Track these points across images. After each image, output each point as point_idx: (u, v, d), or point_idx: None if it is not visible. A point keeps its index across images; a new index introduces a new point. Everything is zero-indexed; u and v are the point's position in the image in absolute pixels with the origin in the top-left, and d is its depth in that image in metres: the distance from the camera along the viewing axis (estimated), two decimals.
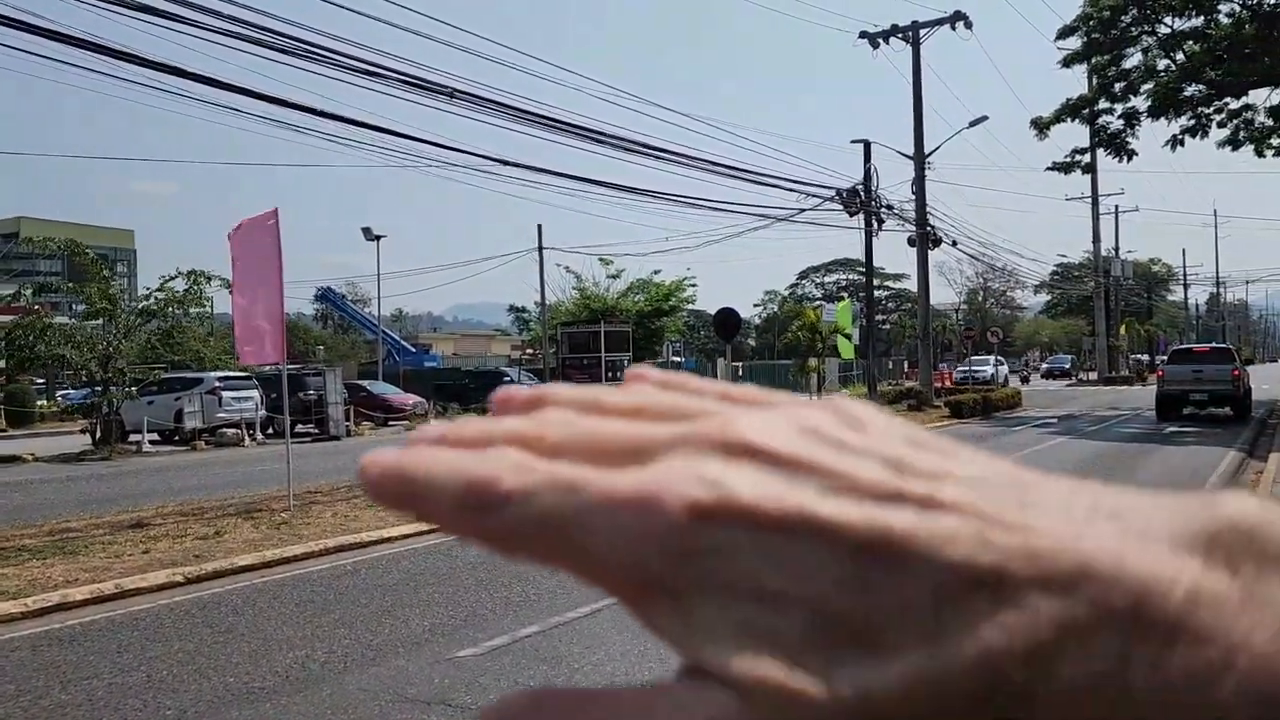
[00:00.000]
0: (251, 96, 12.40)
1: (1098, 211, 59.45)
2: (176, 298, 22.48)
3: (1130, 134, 29.98)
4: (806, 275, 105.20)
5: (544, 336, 45.10)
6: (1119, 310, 68.75)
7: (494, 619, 6.74)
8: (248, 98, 12.42)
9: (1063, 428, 23.65)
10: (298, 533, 10.11)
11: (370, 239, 42.58)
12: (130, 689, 5.44)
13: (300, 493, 13.05)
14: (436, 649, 6.06)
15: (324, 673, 5.66)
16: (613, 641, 6.12)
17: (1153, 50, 28.38)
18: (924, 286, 33.42)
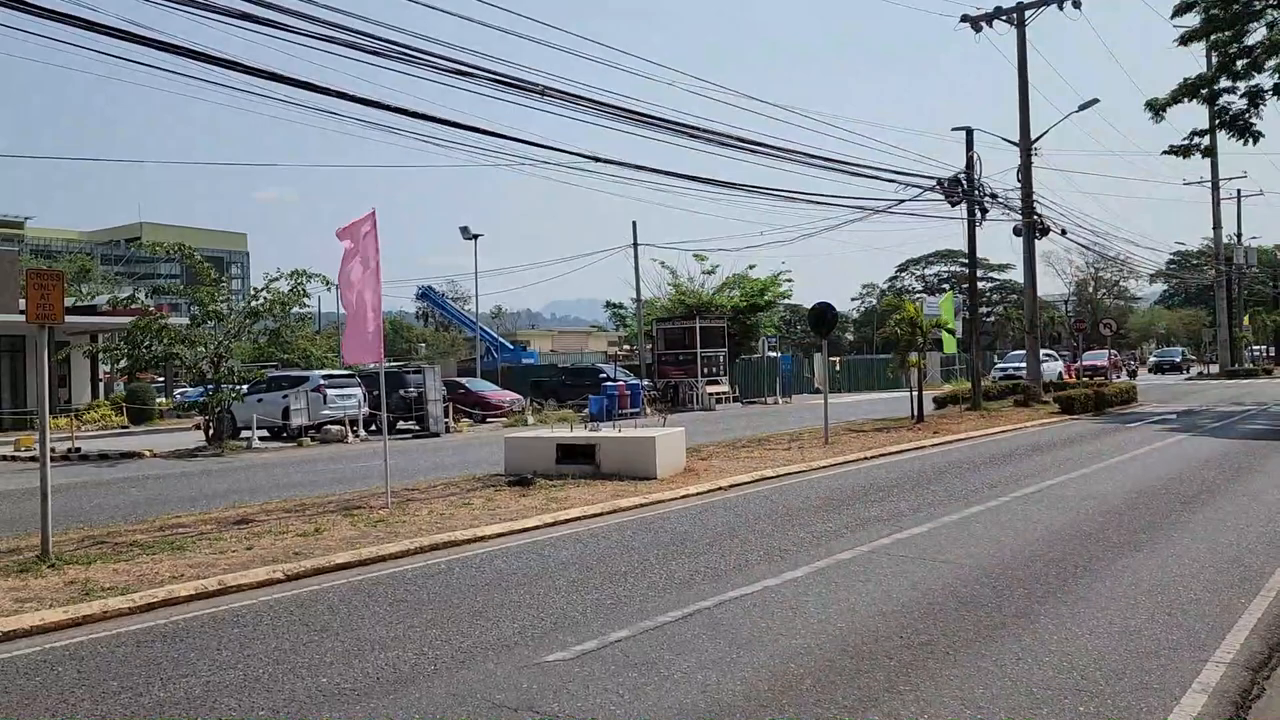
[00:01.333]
0: (347, 99, 12.58)
1: (1218, 196, 56.54)
2: (281, 298, 23.12)
3: (1254, 114, 28.41)
4: (906, 268, 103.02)
5: (640, 333, 45.06)
6: (1241, 299, 65.42)
7: (584, 622, 6.63)
8: (344, 100, 12.59)
9: (1182, 424, 22.53)
10: (394, 531, 10.21)
11: (468, 238, 43.17)
12: (226, 687, 5.49)
13: (398, 490, 13.22)
14: (525, 653, 5.97)
15: (414, 675, 5.62)
16: (705, 648, 5.95)
17: (1279, 24, 26.78)
18: (1030, 277, 32.27)
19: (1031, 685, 5.19)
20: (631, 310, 48.60)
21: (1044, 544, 8.96)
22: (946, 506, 11.25)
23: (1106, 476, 13.64)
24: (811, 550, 8.87)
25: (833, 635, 6.19)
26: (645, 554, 8.97)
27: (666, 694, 5.17)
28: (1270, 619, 6.40)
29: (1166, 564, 8.00)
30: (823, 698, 5.07)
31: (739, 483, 13.70)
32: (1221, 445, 17.55)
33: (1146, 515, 10.37)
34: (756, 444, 19.10)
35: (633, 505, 11.85)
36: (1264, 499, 11.31)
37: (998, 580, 7.57)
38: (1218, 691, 5.07)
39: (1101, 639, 5.99)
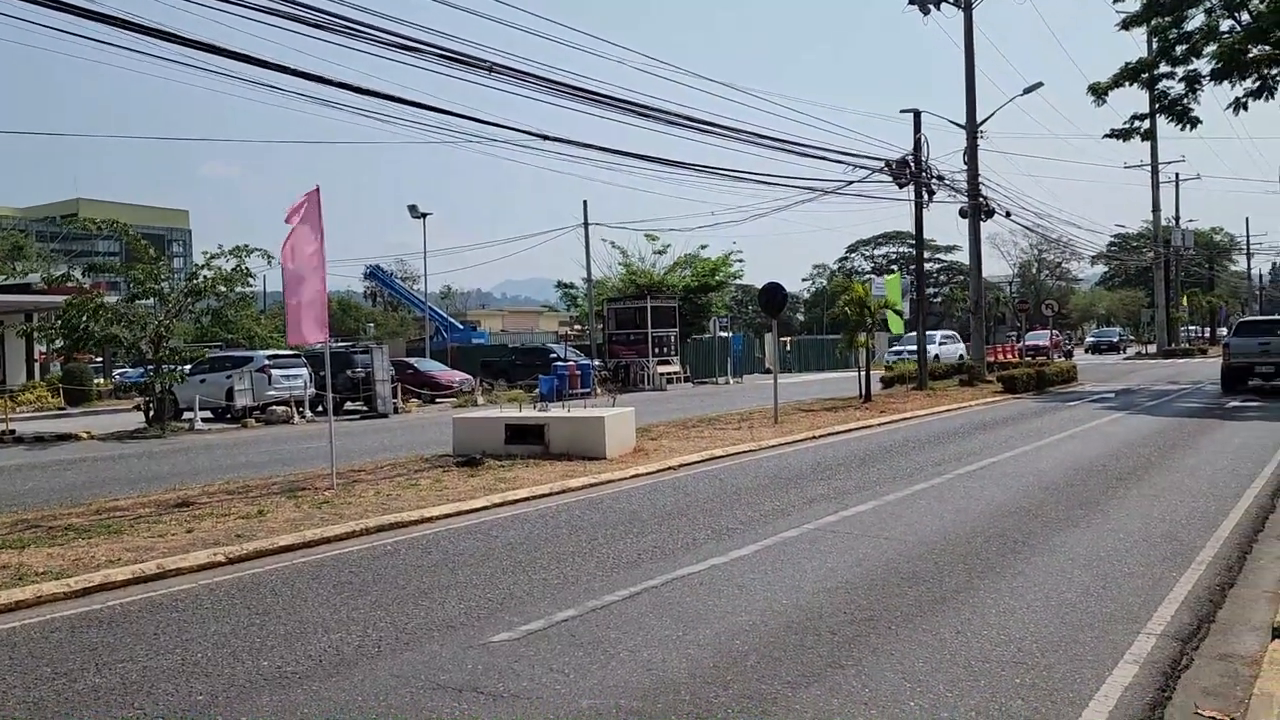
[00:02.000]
0: (289, 73, 12.32)
1: (1157, 180, 57.75)
2: (223, 276, 22.70)
3: (1192, 99, 29.01)
4: (856, 248, 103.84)
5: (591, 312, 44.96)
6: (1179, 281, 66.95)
7: (530, 602, 6.62)
8: (286, 75, 12.33)
9: (1120, 403, 23.03)
10: (339, 512, 10.10)
11: (416, 216, 42.69)
12: (164, 672, 5.40)
13: (344, 471, 13.08)
14: (471, 633, 5.95)
15: (357, 657, 5.57)
16: (651, 627, 5.97)
17: (1216, 10, 27.34)
18: (976, 258, 32.71)
19: (970, 658, 5.28)
20: (583, 290, 48.48)
21: (985, 520, 9.12)
22: (891, 484, 11.39)
23: (1046, 454, 13.91)
24: (759, 529, 8.94)
25: (778, 612, 6.24)
26: (593, 534, 8.97)
27: (612, 673, 5.19)
28: (1200, 592, 6.57)
29: (1102, 539, 8.18)
30: (766, 673, 5.11)
31: (688, 462, 13.76)
32: (1157, 423, 17.97)
33: (1084, 491, 10.60)
34: (706, 424, 19.19)
35: (582, 485, 11.84)
36: (1197, 475, 11.61)
37: (940, 556, 7.68)
38: (1149, 662, 5.20)
39: (1038, 612, 6.11)
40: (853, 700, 4.73)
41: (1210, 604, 6.35)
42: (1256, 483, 10.97)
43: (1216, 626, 5.96)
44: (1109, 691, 4.79)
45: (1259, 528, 8.74)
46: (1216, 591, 6.63)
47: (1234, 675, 5.12)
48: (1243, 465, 12.29)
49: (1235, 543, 8.04)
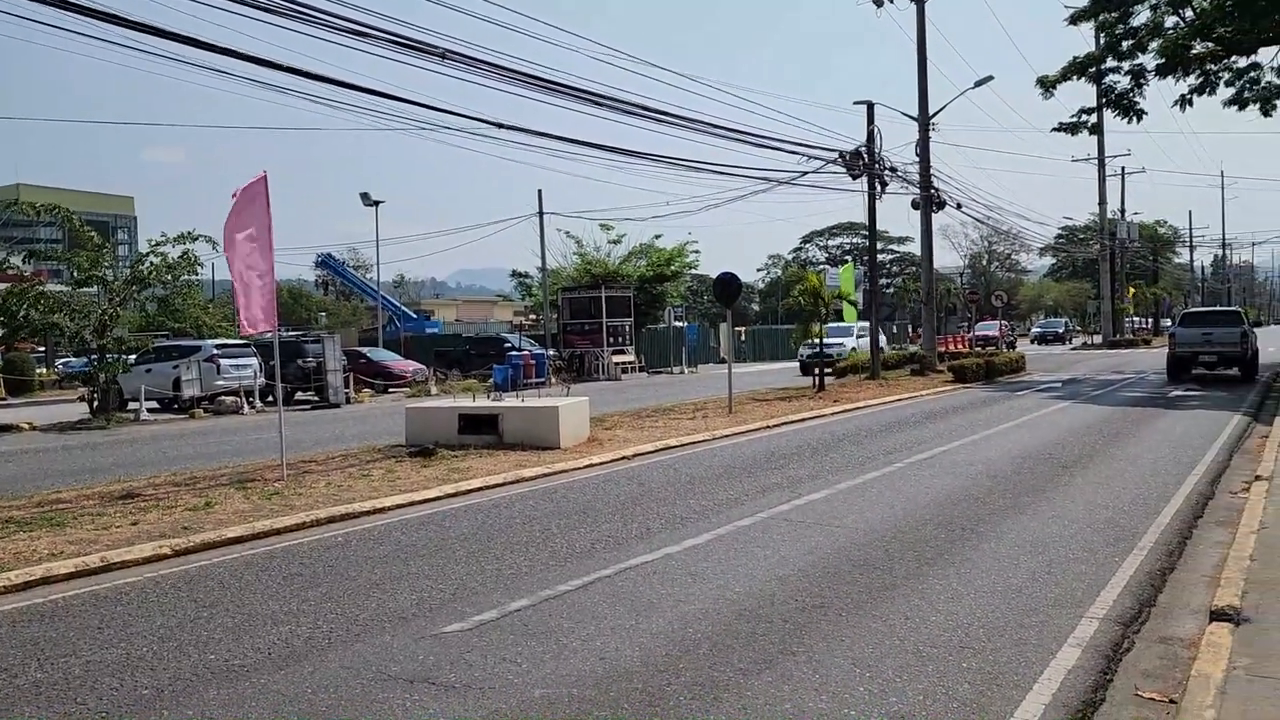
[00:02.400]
0: (236, 57, 12.09)
1: (1104, 173, 58.75)
2: (169, 263, 22.28)
3: (1138, 93, 29.52)
4: (810, 239, 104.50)
5: (545, 302, 44.81)
6: (1124, 273, 68.22)
7: (483, 592, 6.60)
8: (233, 59, 12.10)
9: (1066, 392, 23.44)
10: (290, 503, 9.98)
11: (369, 204, 42.20)
12: (108, 667, 5.30)
13: (295, 461, 12.93)
14: (423, 624, 5.91)
15: (306, 649, 5.52)
16: (605, 616, 5.98)
17: (1161, 6, 27.81)
18: (928, 250, 33.08)
19: (919, 643, 5.35)
20: (538, 280, 48.27)
21: (935, 508, 9.24)
22: (844, 473, 11.50)
23: (995, 442, 14.12)
24: (713, 518, 8.98)
25: (730, 600, 6.28)
26: (547, 524, 8.96)
27: (565, 662, 5.19)
28: (1141, 576, 6.72)
29: (1048, 525, 8.34)
30: (719, 661, 5.14)
31: (643, 452, 13.78)
32: (1102, 412, 18.33)
33: (1030, 479, 10.78)
34: (661, 413, 19.22)
35: (536, 475, 11.81)
36: (1139, 463, 11.86)
37: (890, 544, 7.78)
38: (1091, 646, 5.31)
39: (985, 598, 6.21)
40: (803, 686, 4.77)
41: (1151, 588, 6.49)
42: (1197, 470, 11.24)
43: (1157, 610, 6.10)
44: (1052, 675, 4.88)
45: (1199, 514, 8.96)
46: (1157, 576, 6.78)
47: (1173, 658, 5.24)
48: (1184, 453, 12.58)
49: (1176, 529, 8.23)
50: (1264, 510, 8.43)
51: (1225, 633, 5.31)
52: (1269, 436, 13.58)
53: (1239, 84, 29.18)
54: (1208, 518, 8.83)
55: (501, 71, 15.43)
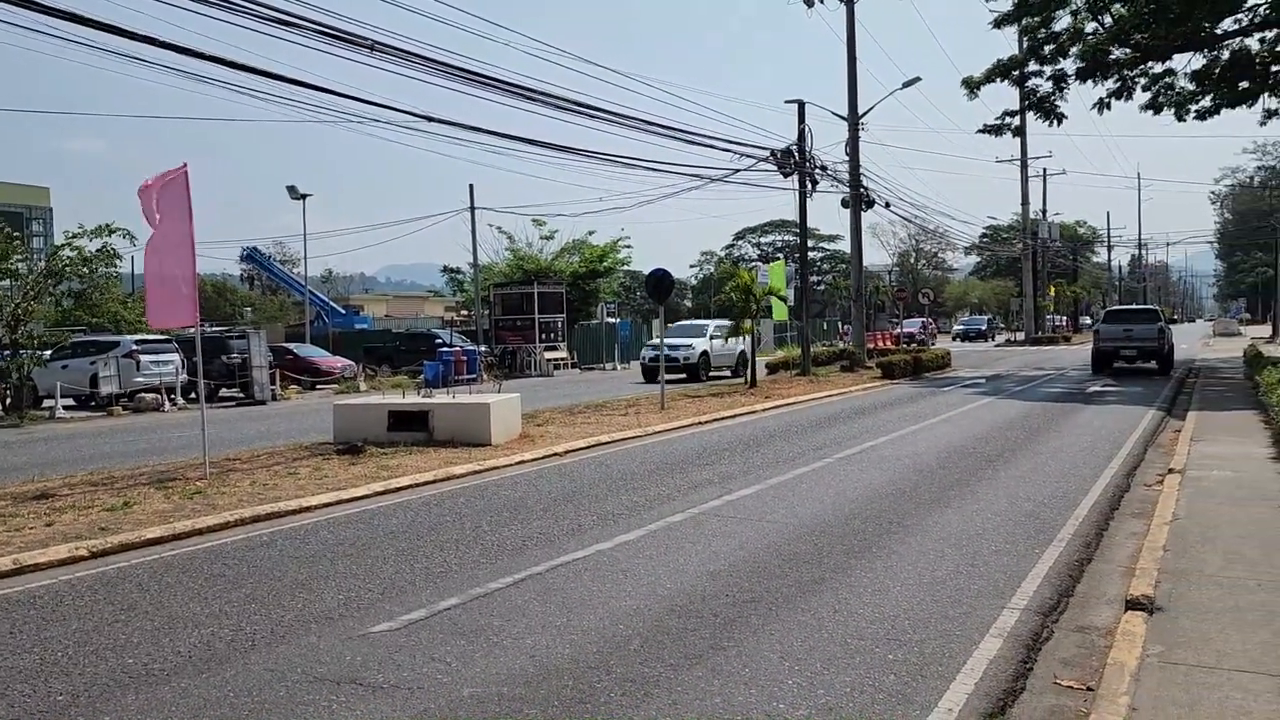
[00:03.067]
0: (158, 46, 11.76)
1: (1026, 174, 60.22)
2: (85, 256, 21.60)
3: (1059, 96, 30.23)
4: (743, 236, 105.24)
5: (477, 298, 44.46)
6: (1046, 272, 70.01)
7: (413, 591, 6.52)
8: (155, 47, 11.76)
9: (990, 388, 23.98)
10: (212, 503, 9.75)
11: (296, 197, 41.40)
12: (20, 673, 5.12)
13: (218, 460, 12.64)
14: (350, 624, 5.82)
15: (229, 652, 5.39)
16: (536, 613, 5.95)
17: (1082, 12, 28.55)
18: (857, 248, 33.55)
19: (847, 636, 5.43)
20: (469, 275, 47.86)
21: (863, 502, 9.38)
22: (774, 469, 11.62)
23: (922, 437, 14.39)
24: (644, 514, 9.00)
25: (661, 596, 6.30)
26: (478, 521, 8.89)
27: (495, 660, 5.15)
28: (1061, 568, 6.91)
29: (972, 518, 8.52)
30: (649, 657, 5.16)
31: (575, 448, 13.74)
32: (1024, 407, 18.79)
33: (955, 473, 11.01)
34: (593, 410, 19.20)
35: (467, 472, 11.71)
36: (1059, 457, 12.18)
37: (819, 538, 7.87)
38: (1012, 636, 5.44)
39: (911, 590, 6.33)
40: (733, 680, 4.81)
41: (1070, 579, 6.67)
42: (1113, 463, 11.58)
43: (1075, 600, 6.27)
44: (975, 665, 4.99)
45: (1115, 505, 9.24)
46: (1075, 567, 6.98)
47: (1090, 646, 5.39)
48: (1101, 447, 12.96)
49: (1093, 521, 8.47)
50: (1176, 502, 8.73)
51: (1139, 621, 5.48)
52: (1181, 431, 14.05)
53: (1155, 89, 30.11)
54: (1124, 510, 9.10)
55: (432, 64, 15.25)
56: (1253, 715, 4.18)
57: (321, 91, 14.52)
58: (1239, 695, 4.40)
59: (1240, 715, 4.19)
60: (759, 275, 32.03)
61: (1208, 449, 12.01)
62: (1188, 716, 4.19)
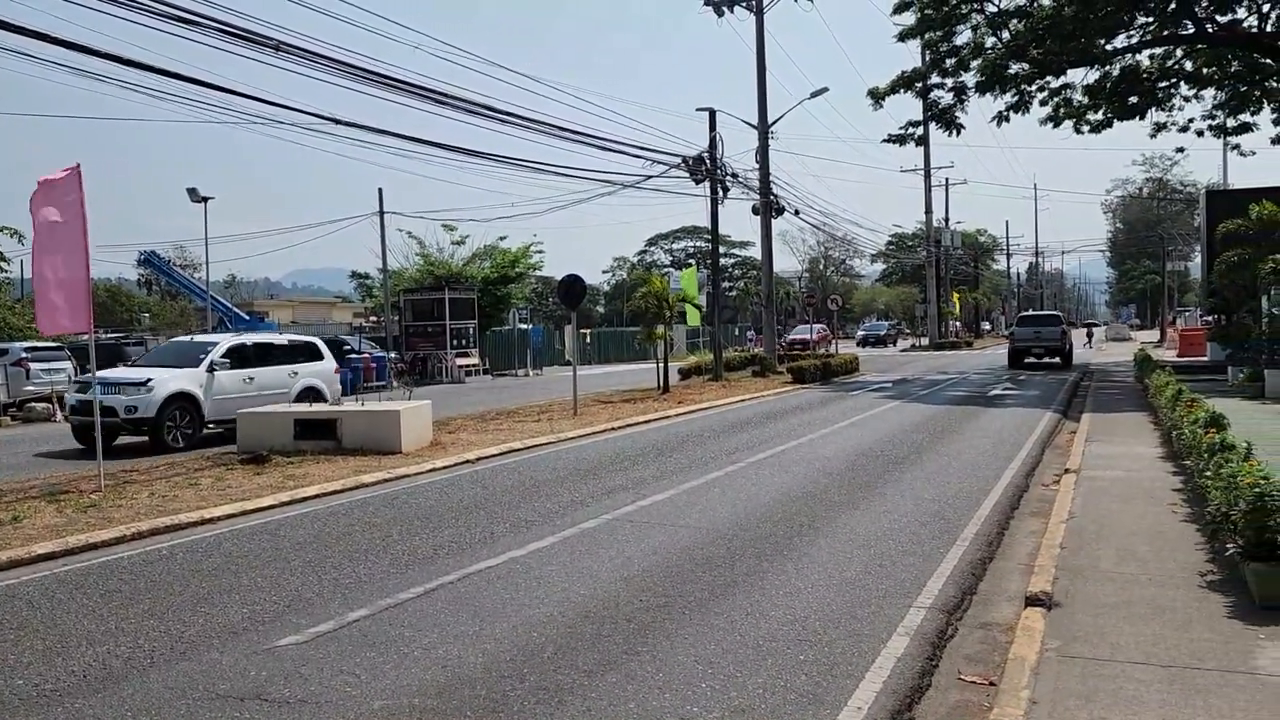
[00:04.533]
0: (46, 40, 11.30)
1: (930, 184, 61.86)
2: None
3: (960, 108, 31.15)
4: (656, 242, 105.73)
5: (386, 304, 43.78)
6: (949, 278, 72.00)
7: (320, 603, 6.37)
8: (44, 42, 11.29)
9: (897, 392, 24.53)
10: (108, 516, 9.38)
11: (196, 200, 40.17)
12: None
13: (115, 471, 12.19)
14: (255, 639, 5.66)
15: (127, 670, 5.20)
16: (447, 623, 5.87)
17: (981, 27, 29.46)
18: (767, 254, 34.02)
19: (759, 638, 5.49)
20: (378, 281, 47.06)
21: (774, 505, 9.50)
22: (687, 473, 11.69)
23: (831, 441, 14.64)
24: (557, 520, 8.96)
25: (575, 602, 6.28)
26: (388, 530, 8.74)
27: (406, 671, 5.07)
28: (964, 566, 7.10)
29: (879, 520, 8.70)
30: (563, 664, 5.13)
31: (487, 455, 13.62)
32: (929, 410, 19.27)
33: (864, 476, 11.23)
34: (505, 416, 19.07)
35: (376, 480, 11.50)
36: (962, 458, 12.53)
37: (732, 541, 7.95)
38: (918, 634, 5.57)
39: (822, 591, 6.43)
40: (647, 685, 4.81)
41: (973, 577, 6.87)
42: (1013, 464, 11.96)
43: (978, 598, 6.45)
44: (883, 663, 5.09)
45: (1015, 505, 9.54)
46: (978, 565, 7.18)
47: (992, 642, 5.55)
48: (1002, 448, 13.36)
49: (995, 520, 8.73)
50: (1072, 501, 9.05)
51: (1039, 617, 5.66)
52: (1076, 432, 14.58)
53: (1053, 102, 31.26)
54: (1023, 509, 9.40)
55: (339, 66, 14.98)
56: (1145, 704, 4.36)
57: (224, 91, 14.13)
58: (1132, 686, 4.57)
59: (1133, 705, 4.36)
60: (671, 282, 32.25)
61: (1101, 449, 12.49)
62: (1085, 708, 4.35)
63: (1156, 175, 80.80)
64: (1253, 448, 7.32)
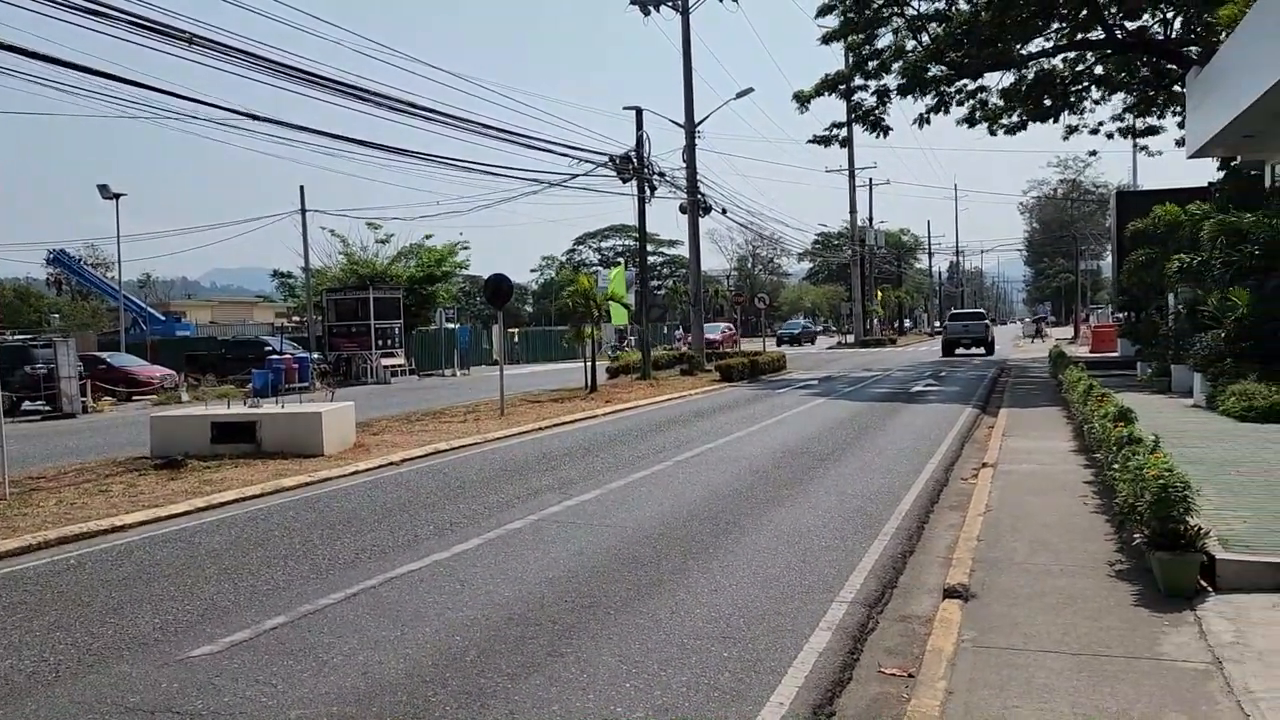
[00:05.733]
0: None
1: (854, 184, 62.88)
2: None
3: (883, 110, 31.69)
4: (584, 241, 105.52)
5: (309, 303, 42.96)
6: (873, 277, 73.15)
7: (236, 611, 6.22)
8: None
9: (822, 389, 24.86)
10: (12, 524, 9.04)
11: (108, 197, 38.98)
12: None
13: (21, 478, 11.76)
14: (167, 649, 5.50)
15: (30, 685, 5.01)
16: (368, 629, 5.78)
17: (902, 31, 30.01)
18: (695, 253, 34.19)
19: (683, 636, 5.50)
20: (301, 280, 46.18)
21: (701, 503, 9.55)
22: (615, 473, 11.68)
23: (757, 438, 14.77)
24: (482, 522, 8.88)
25: (499, 605, 6.22)
26: (308, 535, 8.57)
27: (323, 679, 4.97)
28: (885, 560, 7.22)
29: (803, 516, 8.80)
30: (486, 667, 5.08)
31: (411, 457, 13.45)
32: (854, 407, 19.56)
33: (789, 473, 11.35)
34: (431, 417, 18.85)
35: (297, 484, 11.28)
36: (885, 454, 12.74)
37: (658, 540, 7.96)
38: (840, 628, 5.64)
39: (746, 588, 6.47)
40: (571, 687, 4.79)
41: (893, 571, 6.98)
42: (934, 459, 12.20)
43: (898, 591, 6.56)
44: (805, 658, 5.14)
45: (935, 499, 9.73)
46: (899, 559, 7.30)
47: (912, 634, 5.65)
48: (923, 444, 13.62)
49: (915, 514, 8.89)
50: (989, 495, 9.26)
51: (956, 609, 5.77)
52: (994, 427, 14.93)
53: (970, 105, 31.99)
54: (943, 503, 9.59)
55: (256, 60, 14.64)
56: (1055, 692, 4.47)
57: (134, 85, 13.71)
58: (1043, 674, 4.69)
59: (1044, 692, 4.47)
60: (599, 280, 32.24)
61: (1017, 444, 12.81)
62: (998, 697, 4.45)
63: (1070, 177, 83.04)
64: (1159, 440, 7.57)
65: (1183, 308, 18.20)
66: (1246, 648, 4.91)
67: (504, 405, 19.76)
